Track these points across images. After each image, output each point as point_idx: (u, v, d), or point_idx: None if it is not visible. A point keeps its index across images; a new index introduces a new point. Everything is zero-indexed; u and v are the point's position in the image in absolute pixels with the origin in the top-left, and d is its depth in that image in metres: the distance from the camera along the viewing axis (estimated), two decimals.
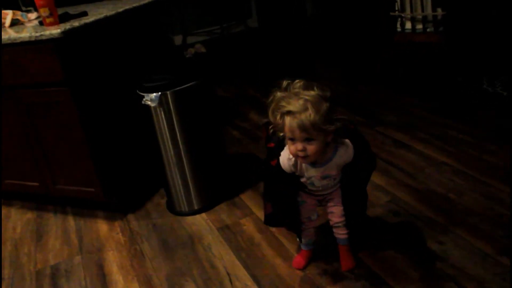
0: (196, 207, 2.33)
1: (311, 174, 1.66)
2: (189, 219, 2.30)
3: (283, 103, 1.50)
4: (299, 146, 1.51)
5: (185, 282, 1.91)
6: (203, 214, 2.31)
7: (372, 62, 3.87)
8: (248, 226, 2.17)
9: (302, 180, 1.70)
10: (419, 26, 3.55)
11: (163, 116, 2.16)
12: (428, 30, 3.53)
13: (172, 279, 1.93)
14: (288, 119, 1.49)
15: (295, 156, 1.57)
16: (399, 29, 3.65)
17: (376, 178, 2.31)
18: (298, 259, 1.88)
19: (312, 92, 1.50)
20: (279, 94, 1.54)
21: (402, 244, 1.91)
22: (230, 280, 1.87)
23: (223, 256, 2.01)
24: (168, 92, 2.11)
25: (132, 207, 2.46)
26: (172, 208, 2.39)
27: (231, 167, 2.63)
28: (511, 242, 1.81)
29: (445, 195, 2.15)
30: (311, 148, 1.52)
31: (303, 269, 1.85)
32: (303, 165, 1.63)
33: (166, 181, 2.34)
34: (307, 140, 1.51)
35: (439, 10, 3.41)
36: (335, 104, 1.56)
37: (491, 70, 3.17)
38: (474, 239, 1.87)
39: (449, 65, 3.42)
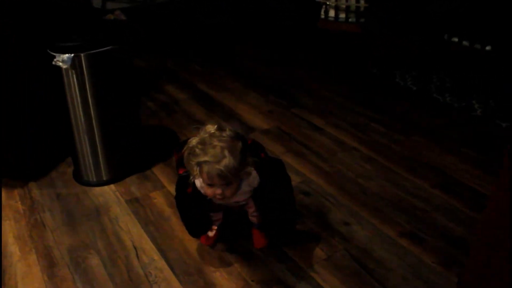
0: (104, 178, 2.24)
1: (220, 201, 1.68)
2: (97, 190, 2.20)
3: (199, 152, 1.48)
4: (218, 191, 1.52)
5: (88, 255, 1.82)
6: (112, 186, 2.22)
7: (297, 45, 3.91)
8: (158, 200, 2.11)
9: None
10: (342, 15, 3.63)
11: (75, 79, 2.03)
12: (350, 20, 3.62)
13: (74, 252, 1.84)
14: (205, 168, 1.48)
15: (213, 197, 1.57)
16: (322, 16, 3.71)
17: (289, 159, 2.35)
18: (207, 236, 1.85)
19: (224, 135, 1.50)
20: (194, 141, 1.51)
21: (311, 223, 1.95)
22: (137, 254, 1.81)
23: (130, 229, 1.94)
24: (82, 54, 1.98)
25: (35, 175, 2.31)
26: (79, 177, 2.27)
27: (145, 138, 2.54)
28: None
29: (354, 179, 2.23)
30: (229, 191, 1.54)
31: (211, 245, 1.84)
32: None
33: (74, 148, 2.21)
34: (226, 184, 1.51)
35: (362, 2, 3.51)
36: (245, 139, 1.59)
37: (404, 65, 3.32)
38: (378, 221, 1.96)
39: (366, 56, 3.54)
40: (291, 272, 1.71)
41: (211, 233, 1.83)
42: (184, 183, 1.67)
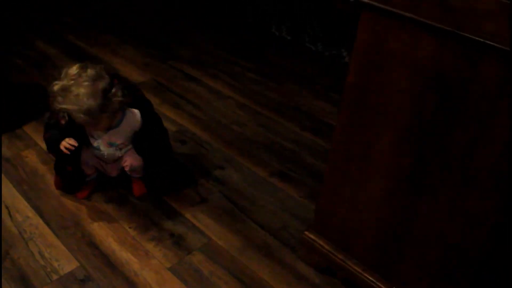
0: None
1: (98, 135, 1.70)
2: None
3: (61, 100, 1.51)
4: (90, 130, 1.65)
5: None
6: None
7: None
8: (31, 158, 2.05)
9: (92, 143, 1.73)
10: None
11: None
12: None
13: None
14: (70, 113, 1.54)
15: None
16: None
17: (165, 110, 2.38)
18: (82, 189, 1.86)
19: (84, 77, 1.52)
20: (55, 87, 1.53)
21: (187, 170, 2.02)
22: (9, 213, 1.77)
23: (2, 190, 1.88)
24: None
25: None
26: None
27: (14, 97, 2.42)
28: None
29: (228, 126, 2.33)
30: (101, 126, 1.62)
31: (86, 197, 1.85)
32: None
33: None
34: (95, 123, 1.59)
35: None
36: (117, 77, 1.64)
37: (279, 15, 3.43)
38: (251, 164, 2.08)
39: (241, 6, 3.60)
40: (167, 217, 1.78)
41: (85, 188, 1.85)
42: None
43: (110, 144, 1.72)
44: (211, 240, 1.70)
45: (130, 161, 1.77)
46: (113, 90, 1.56)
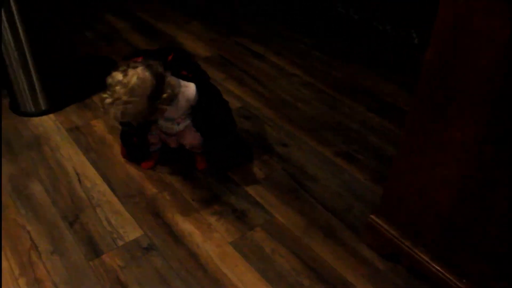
0: (43, 108, 2.20)
1: None
2: (36, 120, 2.17)
3: (108, 108, 1.52)
4: None
5: (30, 183, 1.82)
6: (51, 115, 2.19)
7: None
8: (99, 127, 2.11)
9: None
10: None
11: (4, 17, 1.93)
12: None
13: (16, 180, 1.83)
14: None
15: None
16: None
17: (230, 85, 2.38)
18: (147, 160, 1.89)
19: (132, 82, 1.46)
20: (104, 95, 1.53)
21: (247, 146, 2.01)
22: (79, 179, 1.83)
23: (72, 157, 1.95)
24: None
25: None
26: (16, 108, 2.22)
27: (84, 68, 2.50)
28: None
29: (292, 103, 2.29)
30: (158, 115, 1.62)
31: (151, 168, 1.88)
32: None
33: (9, 81, 2.14)
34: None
35: None
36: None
37: None
38: (315, 143, 2.05)
39: None
40: (230, 192, 1.78)
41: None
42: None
43: (167, 119, 1.72)
44: (273, 218, 1.69)
45: (189, 140, 1.77)
46: (163, 96, 1.52)
